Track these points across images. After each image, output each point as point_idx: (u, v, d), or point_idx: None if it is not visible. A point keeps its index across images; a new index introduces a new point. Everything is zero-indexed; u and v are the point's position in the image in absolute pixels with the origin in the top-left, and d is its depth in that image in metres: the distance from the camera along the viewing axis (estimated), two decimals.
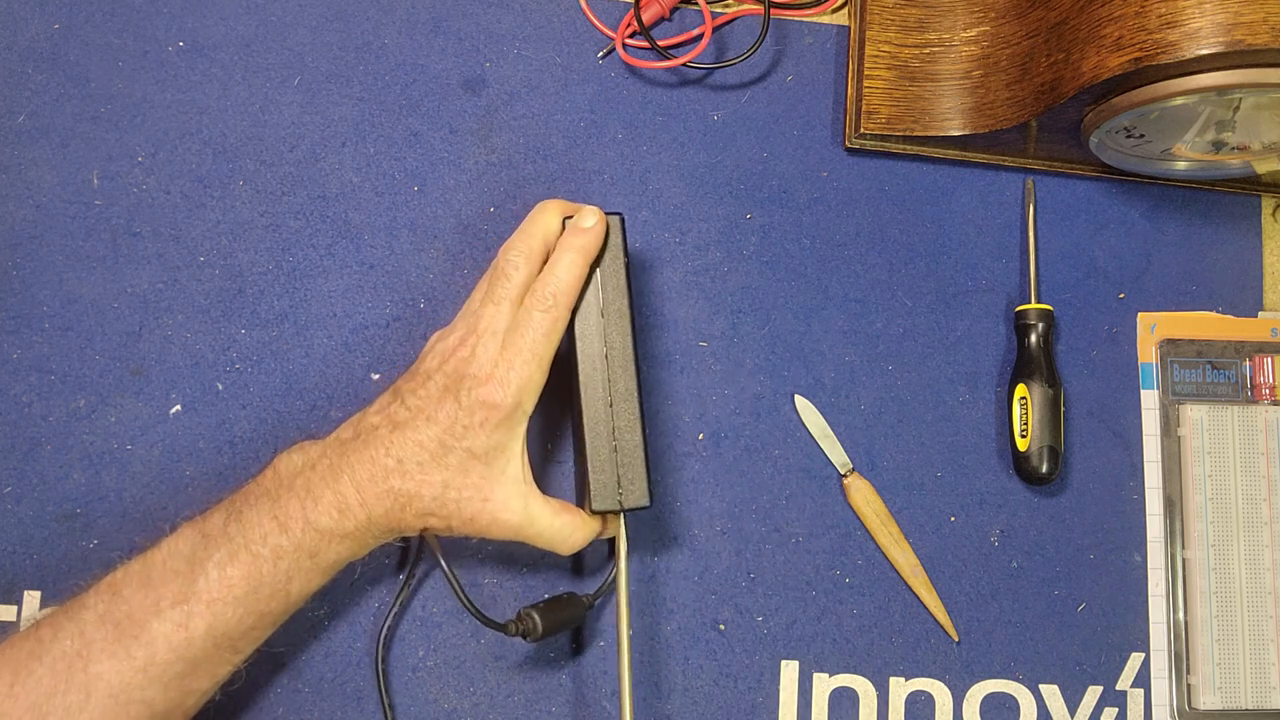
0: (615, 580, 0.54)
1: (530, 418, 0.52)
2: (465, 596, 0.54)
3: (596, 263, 0.54)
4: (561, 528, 0.53)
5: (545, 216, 0.54)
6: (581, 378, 0.53)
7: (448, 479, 0.50)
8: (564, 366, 0.54)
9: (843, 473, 0.61)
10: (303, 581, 0.50)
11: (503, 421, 0.51)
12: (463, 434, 0.50)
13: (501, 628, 0.54)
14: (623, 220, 0.55)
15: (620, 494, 0.53)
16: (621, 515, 0.55)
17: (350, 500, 0.49)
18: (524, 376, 0.51)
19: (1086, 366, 0.64)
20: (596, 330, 0.54)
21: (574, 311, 0.53)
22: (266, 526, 0.49)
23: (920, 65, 0.63)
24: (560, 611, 0.56)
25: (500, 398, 0.50)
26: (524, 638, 0.55)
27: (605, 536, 0.56)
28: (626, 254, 0.54)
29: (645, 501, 0.53)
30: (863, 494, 0.61)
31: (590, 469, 0.53)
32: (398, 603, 0.57)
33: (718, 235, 0.63)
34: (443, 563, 0.54)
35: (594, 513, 0.53)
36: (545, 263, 0.54)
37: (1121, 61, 0.52)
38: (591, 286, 0.54)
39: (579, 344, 0.54)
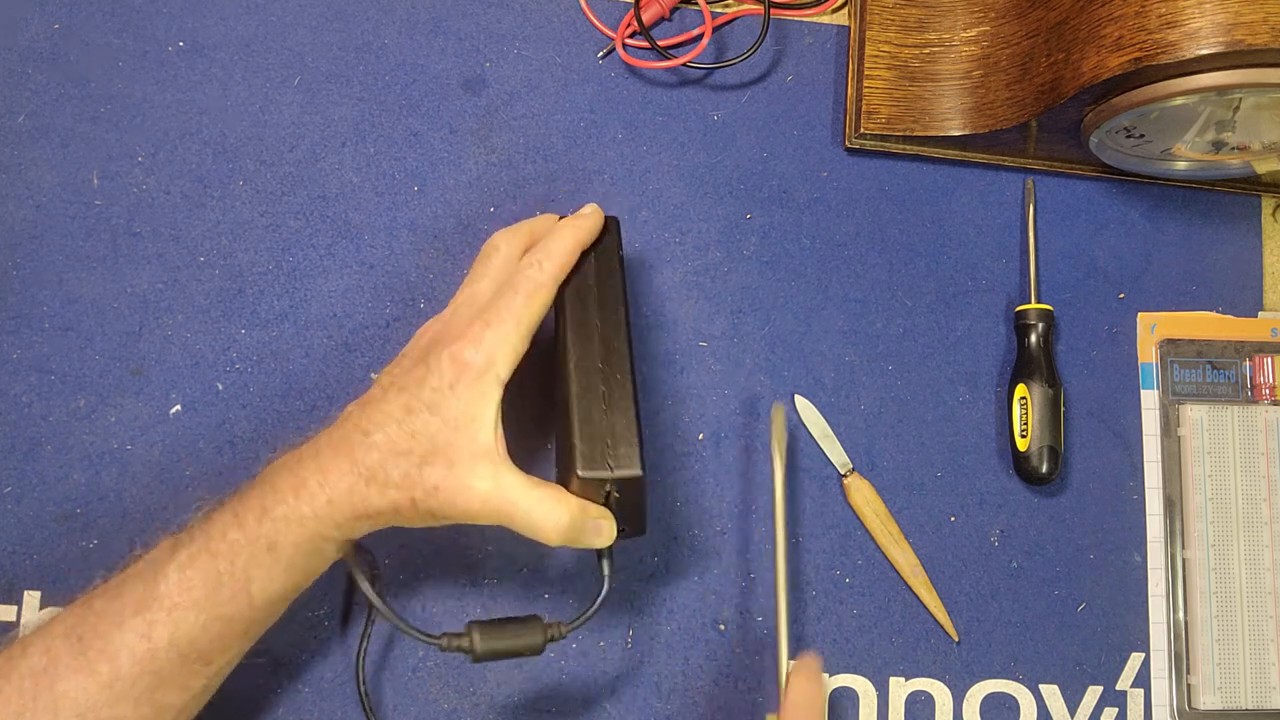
0: (603, 588, 0.51)
1: (520, 417, 0.51)
2: (394, 614, 0.50)
3: (592, 255, 0.53)
4: (540, 501, 0.48)
5: (539, 219, 0.54)
6: (571, 343, 0.51)
7: (412, 445, 0.47)
8: (552, 356, 0.53)
9: (843, 473, 0.61)
10: (264, 580, 0.47)
11: (474, 383, 0.47)
12: (431, 397, 0.47)
13: (435, 641, 0.49)
14: (619, 223, 0.54)
15: (611, 460, 0.48)
16: (609, 497, 0.50)
17: (309, 481, 0.47)
18: (499, 335, 0.48)
19: (1086, 366, 0.64)
20: (591, 307, 0.52)
21: (565, 294, 0.52)
22: (226, 522, 0.47)
23: (920, 65, 0.63)
24: (510, 636, 0.50)
25: (471, 356, 0.47)
26: (463, 654, 0.49)
27: (591, 519, 0.50)
28: (621, 253, 0.54)
29: (637, 470, 0.49)
30: (863, 494, 0.61)
31: (578, 432, 0.49)
32: (366, 636, 0.56)
33: (718, 235, 0.63)
34: (363, 585, 0.50)
35: (581, 480, 0.49)
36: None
37: (1121, 61, 0.52)
38: (585, 273, 0.53)
39: (569, 315, 0.51)
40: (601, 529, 0.50)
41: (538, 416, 0.59)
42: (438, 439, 0.47)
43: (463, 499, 0.47)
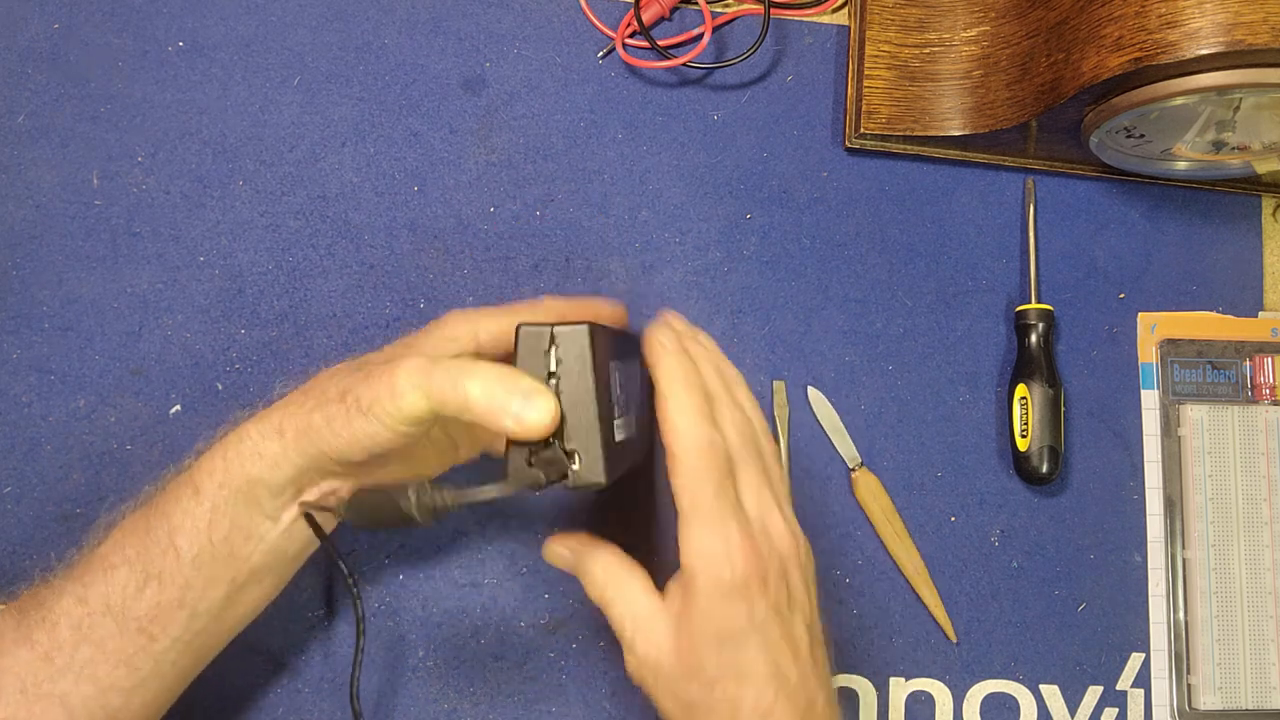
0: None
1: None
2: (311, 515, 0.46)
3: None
4: (468, 361, 0.43)
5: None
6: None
7: (364, 363, 0.47)
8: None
9: (851, 467, 0.61)
10: (190, 530, 0.45)
11: (448, 330, 0.48)
12: (404, 338, 0.49)
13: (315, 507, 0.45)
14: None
15: (555, 323, 0.43)
16: (550, 376, 0.43)
17: (249, 417, 0.46)
18: (488, 313, 0.49)
19: (1086, 366, 0.64)
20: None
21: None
22: (167, 476, 0.47)
23: (920, 65, 0.63)
24: (378, 503, 0.43)
25: (455, 314, 0.49)
26: (333, 514, 0.45)
27: (523, 385, 0.42)
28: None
29: (583, 325, 0.43)
30: (870, 489, 0.61)
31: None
32: (359, 652, 0.52)
33: (718, 235, 0.63)
34: (311, 521, 0.46)
35: (520, 334, 0.43)
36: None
37: (1121, 61, 0.52)
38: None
39: None
40: (534, 398, 0.41)
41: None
42: (393, 355, 0.47)
43: (388, 377, 0.42)
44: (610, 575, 0.46)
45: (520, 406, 0.41)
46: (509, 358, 0.44)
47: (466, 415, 0.42)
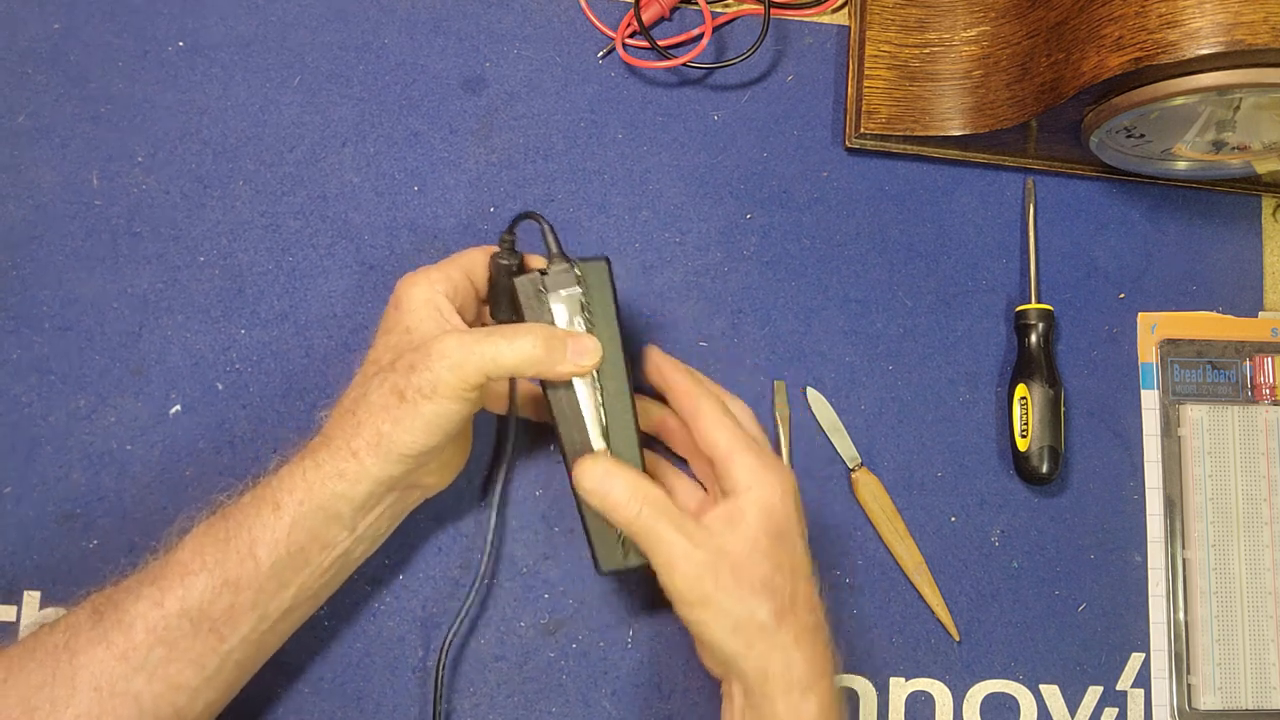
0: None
1: None
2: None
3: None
4: (513, 326, 0.49)
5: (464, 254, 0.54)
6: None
7: (386, 355, 0.50)
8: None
9: (851, 467, 0.61)
10: (269, 542, 0.47)
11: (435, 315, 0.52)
12: (397, 321, 0.51)
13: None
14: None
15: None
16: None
17: (318, 443, 0.49)
18: None
19: (1086, 366, 0.64)
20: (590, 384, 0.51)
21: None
22: (245, 491, 0.49)
23: (920, 65, 0.63)
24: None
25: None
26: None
27: (571, 336, 0.50)
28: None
29: (603, 258, 0.50)
30: (870, 489, 0.61)
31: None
32: (467, 604, 0.56)
33: (718, 235, 0.63)
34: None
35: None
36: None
37: (1122, 61, 0.52)
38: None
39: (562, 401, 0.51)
40: (584, 345, 0.50)
41: None
42: (409, 342, 0.49)
43: (440, 358, 0.47)
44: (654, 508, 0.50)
45: (574, 353, 0.49)
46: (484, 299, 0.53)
47: (524, 369, 0.48)
